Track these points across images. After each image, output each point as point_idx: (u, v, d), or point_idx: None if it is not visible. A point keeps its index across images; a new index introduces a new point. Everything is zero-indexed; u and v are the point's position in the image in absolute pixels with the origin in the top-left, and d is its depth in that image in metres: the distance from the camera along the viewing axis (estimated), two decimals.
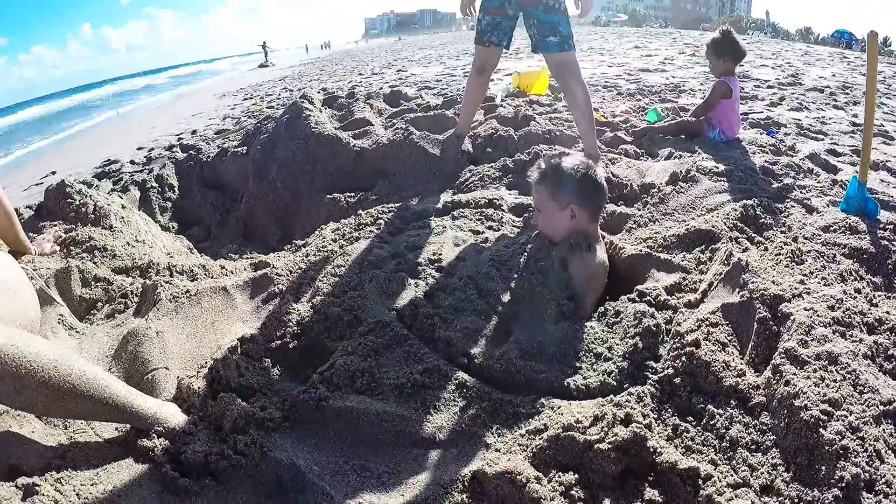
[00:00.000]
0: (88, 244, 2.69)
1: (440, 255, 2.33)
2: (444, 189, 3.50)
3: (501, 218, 2.77)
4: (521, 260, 2.23)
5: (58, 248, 2.66)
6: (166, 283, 2.23)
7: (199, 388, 1.63)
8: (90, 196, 3.12)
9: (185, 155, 5.23)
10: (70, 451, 1.45)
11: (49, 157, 9.47)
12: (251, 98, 11.55)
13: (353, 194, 3.70)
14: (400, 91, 6.62)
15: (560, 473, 1.35)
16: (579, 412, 1.50)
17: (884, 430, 1.37)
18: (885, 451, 1.32)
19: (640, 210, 2.94)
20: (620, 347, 1.78)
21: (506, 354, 1.74)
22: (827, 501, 1.24)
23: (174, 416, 1.53)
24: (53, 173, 6.99)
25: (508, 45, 3.98)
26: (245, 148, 4.70)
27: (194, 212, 4.54)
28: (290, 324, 1.96)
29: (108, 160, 6.54)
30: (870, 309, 1.81)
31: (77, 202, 3.05)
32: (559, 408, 1.55)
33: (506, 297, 2.04)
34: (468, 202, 3.01)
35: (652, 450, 1.37)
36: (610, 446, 1.36)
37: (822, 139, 4.71)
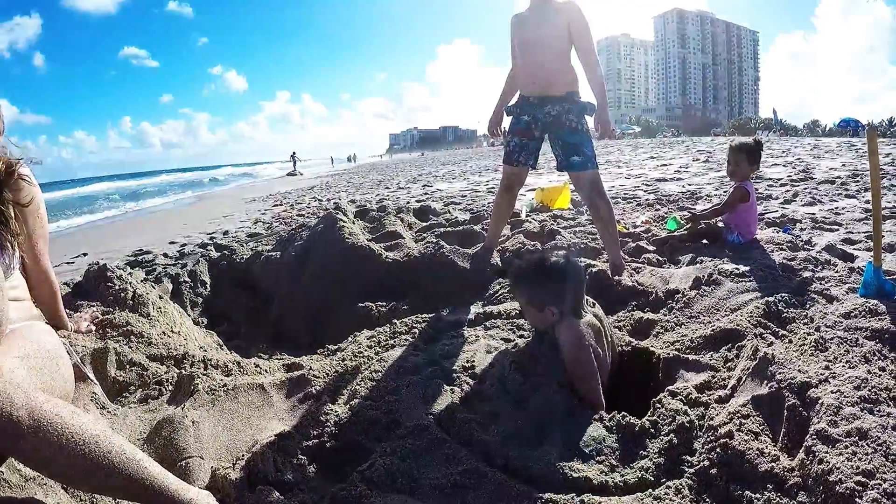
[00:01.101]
0: (125, 328, 2.74)
1: (473, 362, 2.36)
2: (474, 301, 3.57)
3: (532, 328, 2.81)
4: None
5: (94, 328, 2.70)
6: (203, 374, 2.28)
7: (235, 479, 1.65)
8: (130, 283, 3.21)
9: (219, 254, 5.39)
10: None
11: (80, 239, 9.75)
12: (281, 205, 11.93)
13: (384, 304, 3.78)
14: (429, 206, 6.85)
15: None
16: None
17: None
18: None
19: (665, 315, 2.99)
20: (656, 444, 1.81)
21: (544, 456, 1.76)
22: None
23: None
24: (84, 254, 7.21)
25: (535, 165, 4.21)
26: (279, 253, 4.85)
27: (224, 310, 4.63)
28: (328, 424, 1.98)
29: (141, 250, 6.73)
30: (895, 384, 1.85)
31: (117, 286, 3.15)
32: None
33: (535, 399, 2.06)
34: (499, 313, 3.06)
35: None
36: None
37: (837, 229, 4.88)
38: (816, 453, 1.54)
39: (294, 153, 45.61)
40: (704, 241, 4.48)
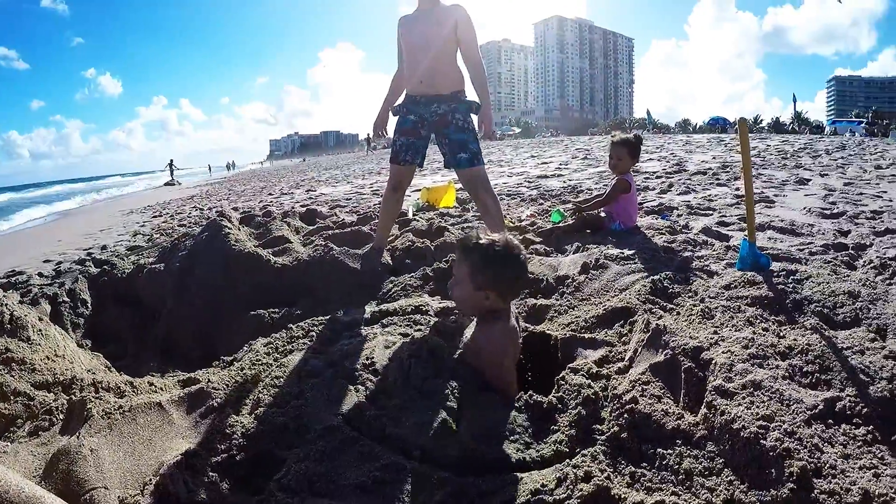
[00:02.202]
0: (5, 355, 2.51)
1: (373, 359, 2.35)
2: (368, 301, 3.56)
3: (429, 322, 2.84)
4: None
5: None
6: (95, 398, 2.16)
7: None
8: (6, 304, 2.98)
9: (99, 270, 5.08)
10: None
11: None
12: (160, 216, 11.37)
13: (276, 310, 3.70)
14: (315, 210, 6.76)
15: None
16: (542, 478, 1.61)
17: (815, 429, 1.60)
18: (822, 444, 1.54)
19: (558, 300, 3.14)
20: (566, 418, 1.91)
21: (459, 441, 1.81)
22: (784, 495, 1.41)
23: None
24: None
25: (422, 164, 4.34)
26: (163, 265, 4.63)
27: (109, 329, 4.38)
28: (235, 436, 1.92)
29: (13, 270, 6.23)
30: (779, 340, 2.09)
31: None
32: (521, 479, 1.64)
33: (443, 390, 2.09)
34: (395, 310, 3.08)
35: (617, 497, 1.50)
36: (578, 501, 1.49)
37: (711, 214, 5.39)
38: (717, 406, 1.71)
39: (171, 161, 43.66)
40: (588, 230, 4.69)
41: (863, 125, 42.02)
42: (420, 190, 7.85)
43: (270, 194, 13.91)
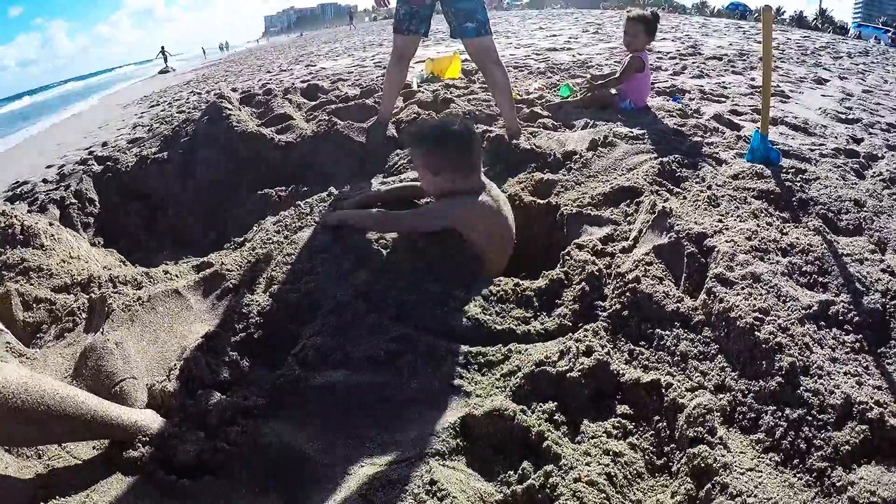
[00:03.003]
0: (21, 266, 2.54)
1: (384, 234, 2.34)
2: (374, 174, 3.51)
3: None
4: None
5: None
6: (114, 293, 2.18)
7: (173, 390, 1.61)
8: (15, 216, 2.98)
9: (102, 167, 5.02)
10: (52, 480, 1.39)
11: None
12: (158, 105, 11.10)
13: (283, 188, 3.67)
14: (316, 85, 6.56)
15: (540, 404, 1.51)
16: (546, 351, 1.66)
17: (807, 328, 1.61)
18: (812, 344, 1.55)
19: (565, 175, 3.07)
20: (570, 293, 1.94)
21: (467, 312, 1.84)
22: (771, 388, 1.45)
23: (154, 422, 1.50)
24: None
25: (427, 33, 4.01)
26: (166, 153, 4.56)
27: (118, 224, 4.38)
28: (252, 315, 1.95)
29: (17, 182, 6.19)
30: (781, 237, 2.08)
31: (2, 223, 2.91)
32: (526, 350, 1.69)
33: (450, 266, 2.11)
34: (402, 183, 3.02)
35: (615, 372, 1.57)
36: (579, 374, 1.55)
37: (724, 101, 5.12)
38: (717, 294, 1.72)
39: (163, 48, 42.41)
40: (598, 107, 4.54)
41: (889, 34, 39.59)
42: (424, 61, 7.56)
43: (269, 72, 13.50)
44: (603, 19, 20.03)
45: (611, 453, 1.39)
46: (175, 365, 1.77)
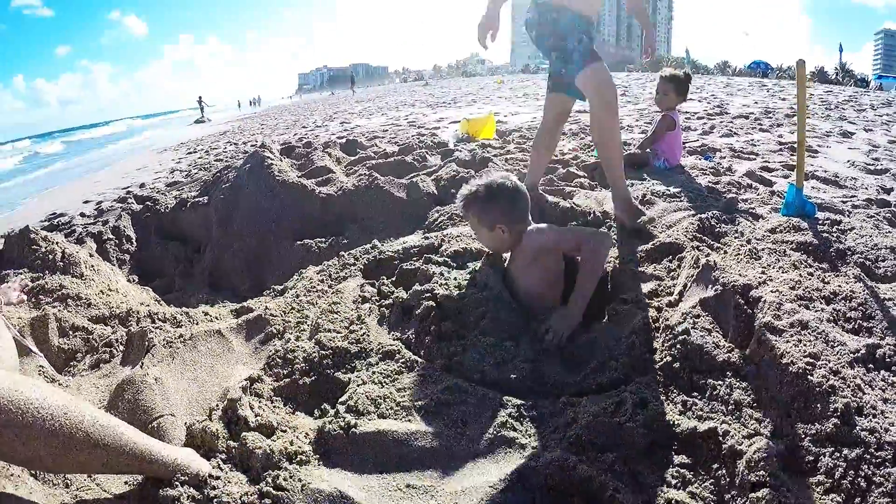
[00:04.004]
0: (60, 293, 2.56)
1: (427, 286, 2.33)
2: (414, 230, 3.52)
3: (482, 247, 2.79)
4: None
5: (25, 297, 2.48)
6: (155, 328, 2.16)
7: (216, 430, 1.56)
8: (57, 243, 3.00)
9: (142, 206, 5.09)
10: None
11: None
12: (195, 152, 11.37)
13: (323, 240, 3.68)
14: (355, 140, 6.66)
15: (599, 454, 1.48)
16: (602, 403, 1.64)
17: (857, 371, 1.64)
18: (864, 386, 1.58)
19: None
20: (620, 345, 1.92)
21: (517, 367, 1.84)
22: (828, 430, 1.46)
23: (195, 462, 1.44)
24: None
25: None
26: (206, 198, 4.62)
27: (154, 264, 4.40)
28: (298, 361, 1.92)
29: (54, 213, 6.30)
30: (824, 286, 2.11)
31: (43, 248, 2.93)
32: (581, 403, 1.67)
33: (500, 316, 2.09)
34: (444, 238, 3.02)
35: (671, 423, 1.56)
36: (636, 424, 1.53)
37: (755, 159, 5.20)
38: (767, 341, 1.72)
39: (200, 97, 43.68)
40: (632, 166, 4.54)
41: None
42: (461, 121, 7.69)
43: (304, 127, 13.80)
44: (629, 81, 20.43)
45: (672, 502, 1.36)
46: (217, 405, 1.72)
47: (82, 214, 5.80)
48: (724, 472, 1.43)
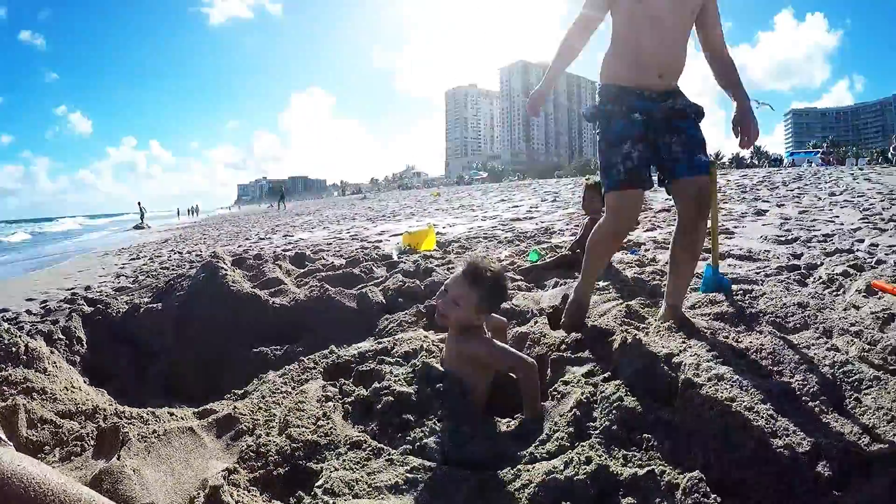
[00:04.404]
0: (24, 385, 2.62)
1: (384, 382, 2.52)
2: (366, 337, 3.73)
3: (430, 347, 3.05)
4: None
5: None
6: (129, 424, 2.28)
7: None
8: (20, 336, 3.05)
9: (93, 309, 5.13)
10: None
11: None
12: (139, 258, 11.36)
13: (278, 347, 3.83)
14: (303, 253, 6.91)
15: None
16: (551, 465, 1.87)
17: (769, 405, 1.95)
18: (777, 415, 1.91)
19: (542, 328, 3.33)
20: (563, 420, 2.14)
21: (476, 446, 2.07)
22: (748, 454, 1.80)
23: None
24: None
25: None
26: (160, 304, 4.73)
27: (106, 368, 4.43)
28: (271, 453, 2.07)
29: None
30: (737, 345, 2.48)
31: (6, 341, 2.97)
32: (534, 468, 1.88)
33: (454, 406, 2.32)
34: (393, 343, 3.24)
35: (615, 473, 1.78)
36: (584, 476, 1.76)
37: None
38: (689, 396, 2.06)
39: (140, 203, 43.44)
40: (564, 267, 4.92)
41: (819, 155, 44.27)
42: (402, 235, 8.08)
43: (247, 239, 13.97)
44: (559, 187, 21.53)
45: None
46: (198, 493, 1.86)
47: (28, 312, 5.75)
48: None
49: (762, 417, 1.89)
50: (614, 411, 2.06)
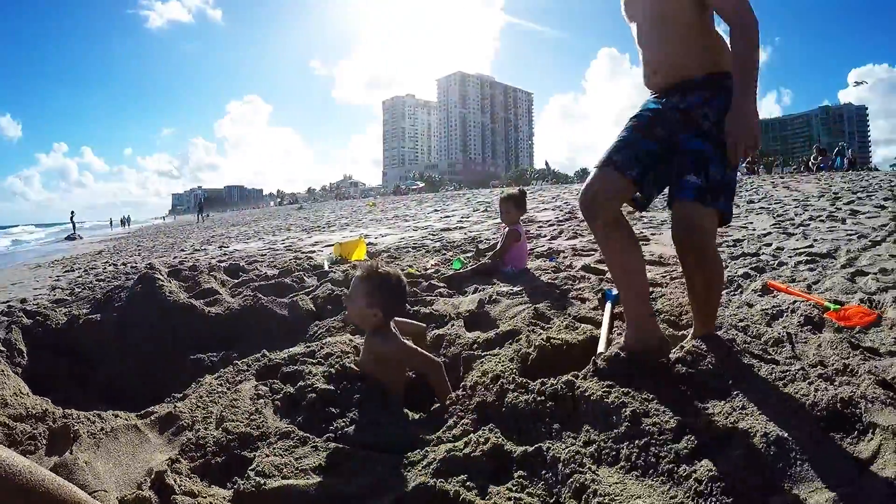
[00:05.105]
0: None
1: (310, 381, 2.79)
2: (296, 342, 3.98)
3: (348, 349, 3.33)
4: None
5: None
6: (78, 423, 2.50)
7: (148, 496, 1.96)
8: None
9: (32, 321, 5.19)
10: None
11: None
12: (73, 271, 11.17)
13: (215, 354, 4.04)
14: (237, 265, 7.08)
15: (453, 477, 2.03)
16: (453, 444, 2.21)
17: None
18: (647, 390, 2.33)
19: (458, 330, 3.68)
20: (469, 407, 2.51)
21: (390, 431, 2.39)
22: (622, 430, 2.13)
23: None
24: None
25: (649, 194, 2.72)
26: (98, 315, 4.85)
27: (46, 378, 4.53)
28: (209, 445, 2.33)
29: None
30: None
31: None
32: (439, 448, 2.21)
33: (371, 399, 2.63)
34: (321, 346, 3.50)
35: (508, 451, 2.13)
36: (481, 453, 2.12)
37: (593, 254, 6.26)
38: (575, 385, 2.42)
39: (73, 213, 42.00)
40: (485, 274, 5.31)
41: (744, 164, 46.39)
42: (334, 245, 8.31)
43: (182, 250, 13.85)
44: (492, 197, 22.07)
45: (512, 500, 1.88)
46: (145, 479, 2.10)
47: None
48: (550, 474, 1.99)
49: (635, 400, 2.22)
50: (511, 399, 2.40)
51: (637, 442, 2.03)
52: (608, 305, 3.55)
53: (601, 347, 2.87)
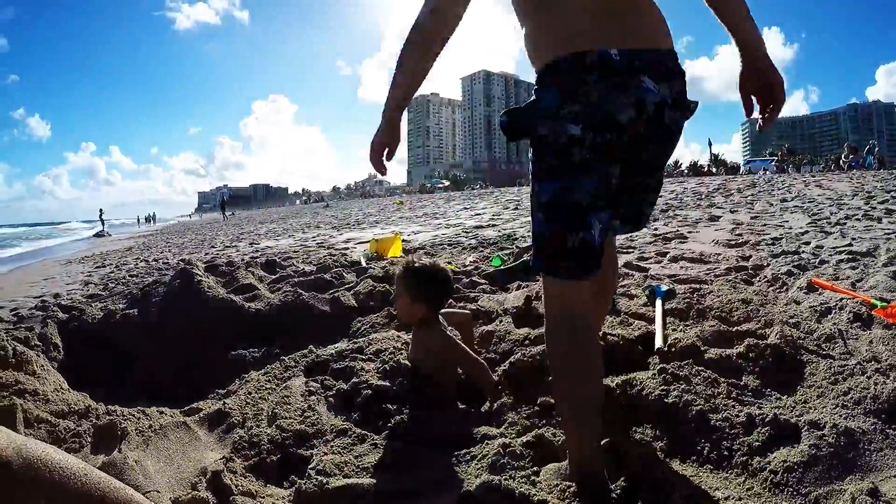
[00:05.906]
0: (16, 388, 2.67)
1: (367, 380, 2.69)
2: (340, 338, 3.88)
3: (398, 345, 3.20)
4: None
5: None
6: (124, 420, 2.41)
7: (205, 497, 1.86)
8: (6, 339, 3.11)
9: (68, 316, 5.16)
10: None
11: None
12: (104, 266, 11.25)
13: (255, 350, 3.96)
14: (274, 261, 7.00)
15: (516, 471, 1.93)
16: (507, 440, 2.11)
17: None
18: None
19: (507, 327, 3.56)
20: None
21: (447, 426, 2.31)
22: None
23: None
24: None
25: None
26: (136, 310, 4.80)
27: (84, 373, 4.48)
28: (263, 443, 2.23)
29: None
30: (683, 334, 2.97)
31: None
32: (493, 440, 2.13)
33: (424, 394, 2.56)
34: (367, 343, 3.39)
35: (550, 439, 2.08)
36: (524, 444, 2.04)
37: (633, 251, 6.12)
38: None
39: (101, 211, 42.62)
40: (525, 272, 5.14)
41: (773, 163, 46.10)
42: (369, 241, 8.22)
43: (213, 247, 13.91)
44: (521, 196, 21.81)
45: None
46: (200, 479, 2.01)
47: (0, 319, 5.74)
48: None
49: (700, 397, 2.18)
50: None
51: (709, 436, 2.01)
52: (658, 302, 3.45)
53: (658, 343, 2.87)
